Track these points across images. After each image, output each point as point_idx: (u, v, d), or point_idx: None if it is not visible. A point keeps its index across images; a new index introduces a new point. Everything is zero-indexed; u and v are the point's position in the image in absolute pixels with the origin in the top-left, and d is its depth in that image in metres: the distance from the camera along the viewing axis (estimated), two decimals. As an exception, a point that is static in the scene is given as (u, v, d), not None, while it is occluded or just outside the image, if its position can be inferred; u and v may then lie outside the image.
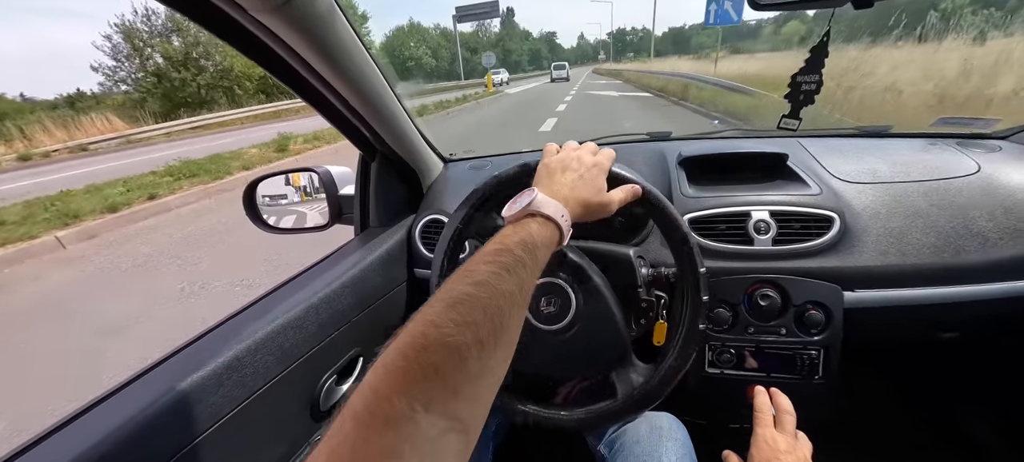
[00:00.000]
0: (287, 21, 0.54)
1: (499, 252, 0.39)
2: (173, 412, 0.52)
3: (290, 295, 0.73)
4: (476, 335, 0.31)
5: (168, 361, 0.59)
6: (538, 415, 0.67)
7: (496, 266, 0.37)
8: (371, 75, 0.72)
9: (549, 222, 0.45)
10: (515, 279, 0.37)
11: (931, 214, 0.80)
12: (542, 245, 0.43)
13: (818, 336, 0.80)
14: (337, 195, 1.03)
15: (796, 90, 0.64)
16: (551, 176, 0.53)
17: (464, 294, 0.33)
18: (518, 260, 0.38)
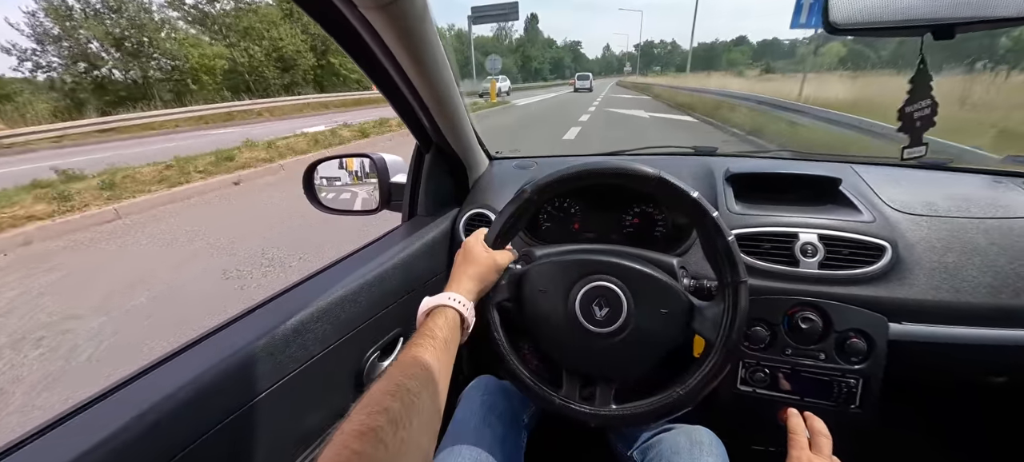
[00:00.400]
0: (388, 18, 0.58)
1: (408, 348, 0.51)
2: (243, 368, 0.57)
3: (348, 270, 0.78)
4: (389, 417, 0.40)
5: (243, 319, 0.65)
6: (570, 408, 0.69)
7: (405, 358, 0.49)
8: (445, 72, 0.76)
9: (443, 309, 0.58)
10: (419, 364, 0.48)
11: (990, 253, 0.78)
12: (444, 325, 0.55)
13: (859, 365, 0.79)
14: (388, 182, 1.09)
15: (909, 120, 0.63)
16: None
17: (376, 389, 0.43)
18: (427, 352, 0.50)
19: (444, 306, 0.58)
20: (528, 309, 0.71)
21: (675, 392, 0.64)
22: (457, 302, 0.59)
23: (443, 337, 0.54)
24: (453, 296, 0.59)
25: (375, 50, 0.66)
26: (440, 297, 0.59)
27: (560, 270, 0.70)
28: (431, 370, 0.48)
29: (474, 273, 0.65)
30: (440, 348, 0.52)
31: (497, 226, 0.69)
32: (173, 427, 0.50)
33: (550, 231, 1.04)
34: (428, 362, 0.49)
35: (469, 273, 0.64)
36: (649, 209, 0.98)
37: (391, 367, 0.47)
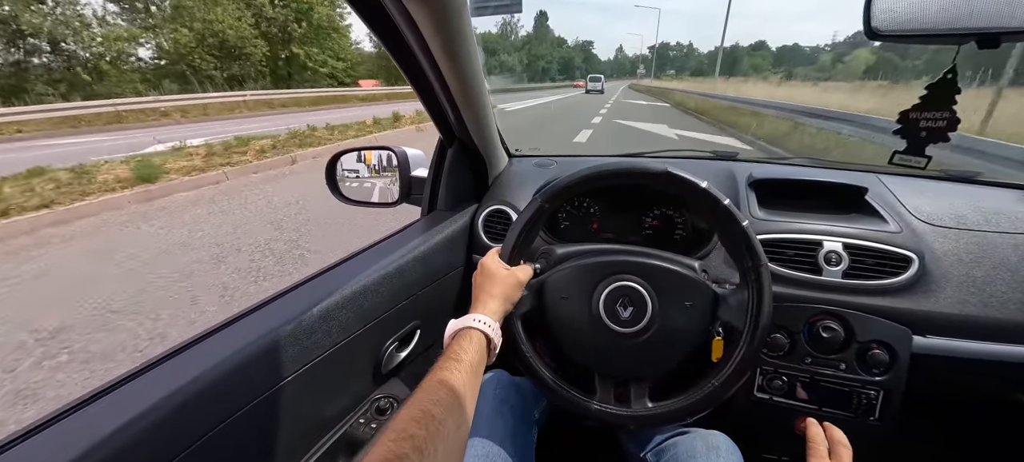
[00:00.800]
0: (428, 10, 0.59)
1: (433, 372, 0.50)
2: (270, 352, 0.58)
3: (371, 261, 0.79)
4: (414, 444, 0.40)
5: (271, 304, 0.66)
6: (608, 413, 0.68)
7: (431, 383, 0.48)
8: (474, 67, 0.77)
9: (468, 331, 0.57)
10: (445, 388, 0.47)
11: (1021, 268, 0.76)
12: (470, 348, 0.55)
13: (880, 377, 0.78)
14: (409, 176, 1.10)
15: (913, 128, 0.62)
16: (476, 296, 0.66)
17: (401, 416, 0.43)
18: (454, 376, 0.49)
19: (470, 328, 0.57)
20: (551, 316, 0.71)
21: (710, 384, 0.64)
22: (483, 324, 0.58)
23: (469, 360, 0.53)
24: (479, 318, 0.59)
25: (411, 42, 0.66)
26: (466, 319, 0.59)
27: (581, 274, 0.70)
28: (457, 395, 0.48)
29: (498, 292, 0.64)
30: (466, 372, 0.51)
31: (511, 240, 0.69)
32: (200, 409, 0.51)
33: (568, 231, 1.04)
34: (454, 387, 0.48)
35: (493, 293, 0.64)
36: (669, 212, 0.98)
37: (417, 392, 0.47)
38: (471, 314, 0.60)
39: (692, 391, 0.65)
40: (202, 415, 0.51)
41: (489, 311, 0.61)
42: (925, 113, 0.56)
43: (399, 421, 0.42)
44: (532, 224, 0.69)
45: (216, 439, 0.52)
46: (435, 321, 0.98)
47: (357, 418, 0.76)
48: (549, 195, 0.68)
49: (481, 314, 0.60)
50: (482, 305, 0.62)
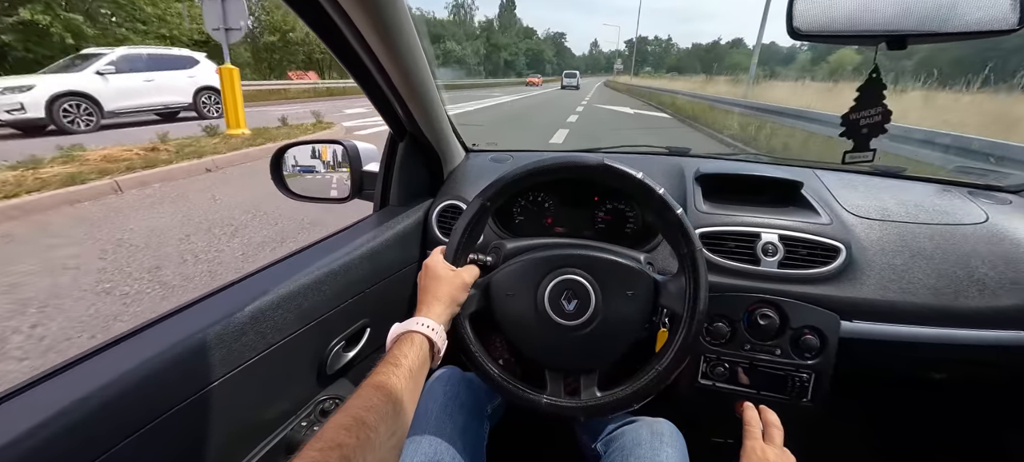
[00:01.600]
0: (359, 4, 0.57)
1: (371, 376, 0.49)
2: (194, 355, 0.55)
3: (313, 259, 0.76)
4: (342, 453, 0.39)
5: (196, 306, 0.62)
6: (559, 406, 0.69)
7: (366, 388, 0.47)
8: (418, 58, 0.75)
9: (411, 335, 0.56)
10: (380, 394, 0.46)
11: (935, 256, 0.83)
12: (411, 353, 0.54)
13: (812, 360, 0.82)
14: (360, 170, 1.07)
15: (854, 127, 0.65)
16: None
17: (331, 423, 0.42)
18: (390, 381, 0.48)
19: (412, 332, 0.56)
20: (499, 314, 0.71)
21: (654, 369, 0.65)
22: (426, 327, 0.57)
23: (408, 365, 0.52)
24: (422, 321, 0.58)
25: (347, 36, 0.64)
26: (409, 323, 0.58)
27: (525, 270, 0.70)
28: (392, 401, 0.47)
29: (443, 294, 0.63)
30: (404, 377, 0.50)
31: (454, 241, 0.68)
32: (119, 414, 0.48)
33: (522, 225, 1.04)
34: (390, 392, 0.47)
35: (438, 295, 0.63)
36: (620, 206, 1.00)
37: (350, 399, 0.45)
38: (415, 317, 0.59)
39: (638, 377, 0.66)
40: (121, 420, 0.48)
41: (433, 314, 0.60)
42: (863, 112, 0.60)
43: (328, 429, 0.41)
44: (475, 223, 0.69)
45: (137, 443, 0.49)
46: (386, 319, 0.95)
47: (299, 421, 0.73)
48: (490, 193, 0.68)
49: (425, 317, 0.59)
50: (426, 307, 0.61)
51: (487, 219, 0.72)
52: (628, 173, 0.65)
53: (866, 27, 0.49)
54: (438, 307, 0.62)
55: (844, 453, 1.22)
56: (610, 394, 0.67)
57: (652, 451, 0.69)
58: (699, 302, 0.63)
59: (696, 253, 0.63)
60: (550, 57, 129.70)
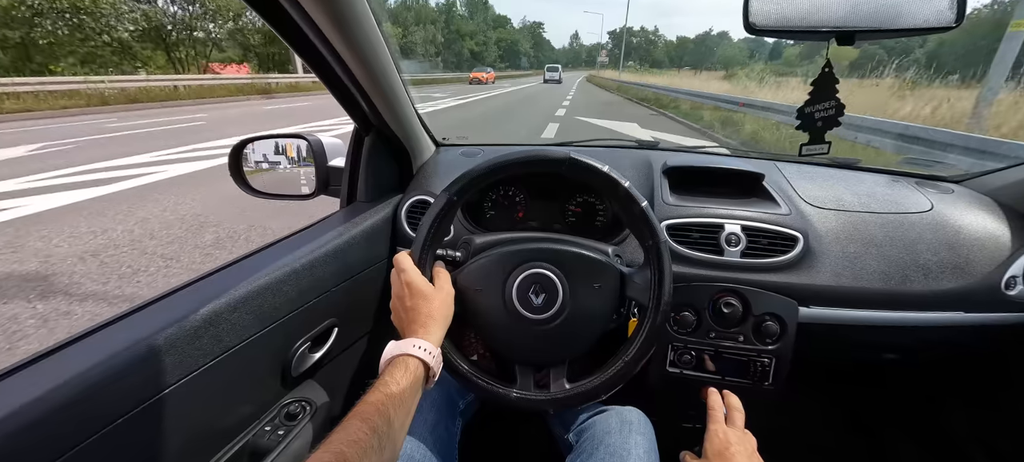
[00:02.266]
0: None
1: (359, 406, 0.47)
2: (144, 360, 0.52)
3: (273, 258, 0.73)
4: None
5: (146, 309, 0.59)
6: (529, 400, 0.69)
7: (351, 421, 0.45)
8: (379, 50, 0.72)
9: (406, 359, 0.54)
10: (366, 428, 0.44)
11: (884, 244, 0.87)
12: (403, 378, 0.52)
13: (772, 345, 0.86)
14: (326, 166, 1.03)
15: (810, 120, 0.67)
16: (400, 322, 0.62)
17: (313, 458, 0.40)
18: (378, 410, 0.46)
19: (408, 355, 0.54)
20: (469, 310, 0.70)
21: (622, 360, 0.66)
22: (423, 350, 0.55)
23: (401, 393, 0.49)
24: (419, 344, 0.55)
25: (306, 30, 0.61)
26: (404, 345, 0.55)
27: (493, 265, 0.70)
28: (379, 434, 0.44)
29: (437, 313, 0.60)
30: (395, 405, 0.48)
31: (421, 236, 0.67)
32: (67, 422, 0.45)
33: (494, 219, 1.04)
34: (376, 423, 0.45)
35: (432, 315, 0.60)
36: (590, 199, 1.01)
37: (333, 434, 0.43)
38: (411, 339, 0.56)
39: (606, 368, 0.67)
40: (68, 429, 0.45)
41: (431, 336, 0.58)
42: (817, 105, 0.62)
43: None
44: (442, 218, 0.67)
45: (87, 451, 0.46)
46: (355, 318, 0.93)
47: (263, 426, 0.71)
48: (457, 188, 0.67)
49: (422, 340, 0.56)
50: (423, 329, 0.58)
51: (454, 214, 0.71)
52: (594, 166, 0.65)
53: (818, 23, 0.50)
54: (434, 327, 0.59)
55: (805, 432, 1.28)
56: (579, 385, 0.68)
57: (621, 439, 0.70)
58: (664, 293, 0.64)
59: (660, 245, 0.64)
60: (527, 49, 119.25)
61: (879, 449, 1.25)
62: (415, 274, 0.63)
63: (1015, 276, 0.84)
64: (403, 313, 0.61)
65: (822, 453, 1.25)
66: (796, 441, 1.24)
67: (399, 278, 0.63)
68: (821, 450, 1.25)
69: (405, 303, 0.61)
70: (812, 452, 1.23)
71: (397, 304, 0.62)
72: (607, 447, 0.69)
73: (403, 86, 0.86)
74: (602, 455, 0.68)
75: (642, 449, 0.69)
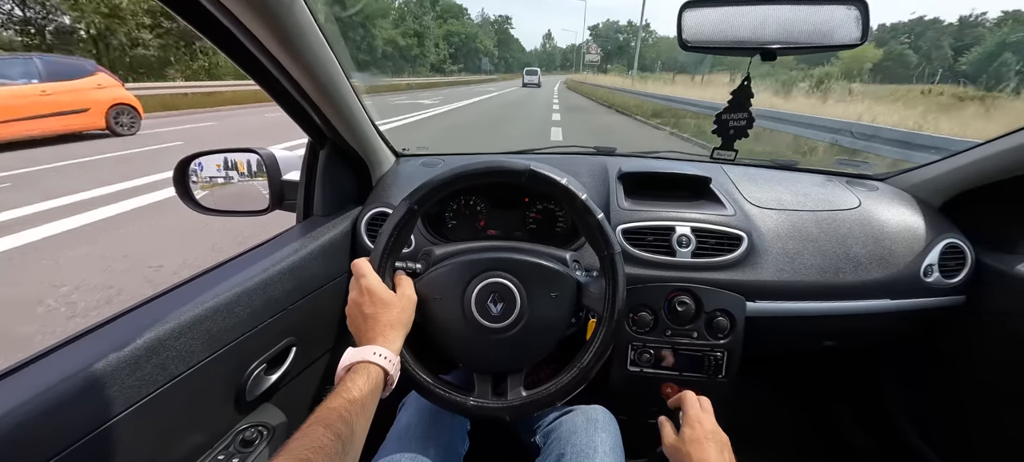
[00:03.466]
0: (250, 8, 0.53)
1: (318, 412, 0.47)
2: (81, 394, 0.49)
3: (223, 278, 0.70)
4: None
5: (81, 339, 0.56)
6: (485, 408, 0.69)
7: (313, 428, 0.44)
8: (326, 61, 0.71)
9: (366, 366, 0.54)
10: (330, 434, 0.44)
11: (820, 239, 0.94)
12: (365, 386, 0.52)
13: (723, 340, 0.90)
14: (280, 179, 1.00)
15: (724, 127, 0.73)
16: (357, 329, 0.61)
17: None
18: (341, 417, 0.46)
19: (368, 363, 0.54)
20: (429, 320, 0.70)
21: (576, 368, 0.68)
22: (382, 357, 0.55)
23: (361, 399, 0.50)
24: (378, 351, 0.56)
25: (237, 34, 0.60)
26: (363, 351, 0.55)
27: (453, 274, 0.70)
28: (342, 439, 0.44)
29: (393, 319, 0.60)
30: (356, 411, 0.48)
31: (380, 244, 0.67)
32: None
33: (456, 229, 1.04)
34: (339, 430, 0.45)
35: (391, 322, 0.60)
36: (550, 206, 1.03)
37: (294, 437, 0.42)
38: (369, 346, 0.56)
39: (561, 376, 0.69)
40: None
41: (389, 343, 0.58)
42: (732, 115, 0.66)
43: None
44: (402, 227, 0.67)
45: None
46: (315, 336, 0.91)
47: (215, 455, 0.68)
48: (417, 197, 0.67)
49: (380, 346, 0.56)
50: (381, 337, 0.58)
51: (415, 223, 0.71)
52: (553, 178, 0.67)
53: (743, 40, 0.55)
54: (392, 334, 0.59)
55: (759, 421, 1.35)
56: (535, 393, 0.69)
57: (587, 437, 0.72)
58: (617, 302, 0.66)
59: (615, 257, 0.67)
60: (488, 48, 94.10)
61: (828, 429, 1.34)
62: (375, 280, 0.63)
63: (931, 265, 0.93)
64: (361, 320, 0.61)
65: (775, 436, 1.32)
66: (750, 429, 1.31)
67: (358, 284, 0.62)
68: (773, 434, 1.33)
69: (364, 310, 0.61)
70: (766, 436, 1.30)
71: (354, 310, 0.62)
72: (573, 445, 0.71)
73: (356, 97, 0.86)
74: (569, 455, 0.69)
75: (607, 446, 0.71)
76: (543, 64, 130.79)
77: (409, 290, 0.66)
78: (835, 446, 1.30)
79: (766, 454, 1.24)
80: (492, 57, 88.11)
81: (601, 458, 0.68)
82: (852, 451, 1.26)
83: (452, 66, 71.00)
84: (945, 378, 1.05)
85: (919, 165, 1.10)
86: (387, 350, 0.56)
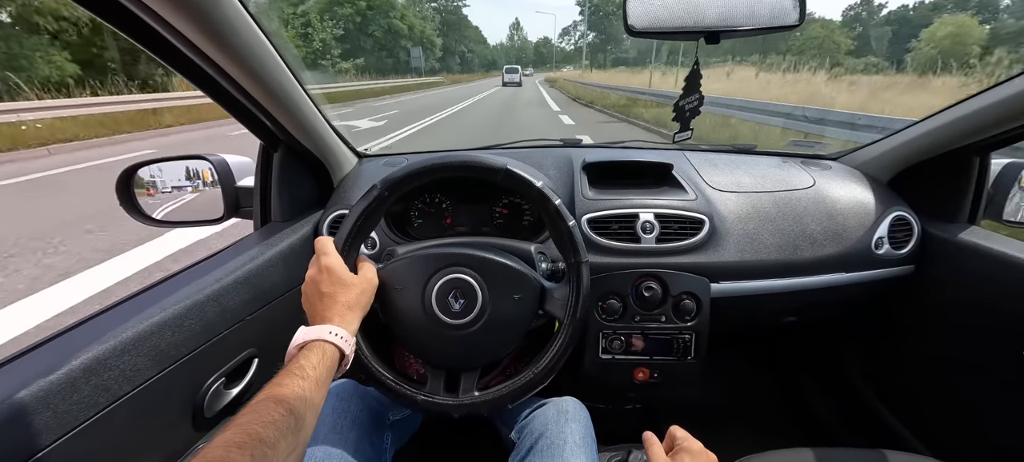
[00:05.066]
0: (172, 6, 0.50)
1: (268, 388, 0.45)
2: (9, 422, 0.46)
3: (171, 292, 0.67)
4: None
5: (10, 365, 0.52)
6: (433, 403, 0.68)
7: (264, 402, 0.43)
8: (269, 61, 0.68)
9: (321, 344, 0.53)
10: (282, 408, 0.42)
11: (778, 219, 0.97)
12: (320, 364, 0.50)
13: (691, 322, 0.92)
14: (234, 186, 0.97)
15: (681, 112, 0.75)
16: (312, 307, 0.59)
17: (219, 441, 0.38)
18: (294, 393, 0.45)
19: (323, 342, 0.52)
20: (388, 309, 0.69)
21: (529, 372, 0.68)
22: (338, 337, 0.54)
23: (315, 377, 0.48)
24: (333, 330, 0.54)
25: (175, 43, 0.57)
26: (318, 330, 0.54)
27: (416, 266, 0.69)
28: (296, 415, 0.43)
29: (351, 300, 0.59)
30: (310, 389, 0.46)
31: (347, 227, 0.65)
32: None
33: (422, 227, 1.03)
34: (293, 406, 0.43)
35: (346, 301, 0.58)
36: (517, 200, 1.03)
37: (243, 413, 0.40)
38: (325, 325, 0.55)
39: (515, 378, 0.68)
40: None
41: (346, 323, 0.56)
42: (686, 98, 0.67)
43: (215, 447, 0.36)
44: (371, 212, 0.65)
45: None
46: (278, 345, 0.87)
47: None
48: (390, 183, 0.65)
49: (336, 326, 0.55)
50: (338, 316, 0.57)
51: (383, 210, 0.69)
52: (528, 180, 0.66)
53: (687, 24, 0.55)
54: (350, 316, 0.58)
55: (729, 397, 1.39)
56: (487, 393, 0.68)
57: (558, 428, 0.72)
58: (578, 311, 0.67)
59: (581, 265, 0.67)
60: (429, 36, 60.35)
61: (795, 399, 1.40)
62: (336, 259, 0.61)
63: (881, 237, 0.97)
64: (317, 299, 0.58)
65: (744, 412, 1.36)
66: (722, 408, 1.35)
67: (318, 261, 0.60)
68: (743, 410, 1.37)
69: (321, 288, 0.59)
70: (739, 414, 1.35)
71: (311, 289, 0.60)
72: (546, 438, 0.71)
73: (307, 97, 0.83)
74: (541, 447, 0.70)
75: (578, 435, 0.71)
76: (511, 61, 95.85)
77: (371, 274, 0.65)
78: (802, 414, 1.35)
79: (738, 427, 1.28)
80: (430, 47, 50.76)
81: (570, 449, 0.68)
82: (817, 418, 1.32)
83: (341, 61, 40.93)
84: (897, 344, 1.11)
85: (868, 143, 1.15)
86: (343, 330, 0.55)
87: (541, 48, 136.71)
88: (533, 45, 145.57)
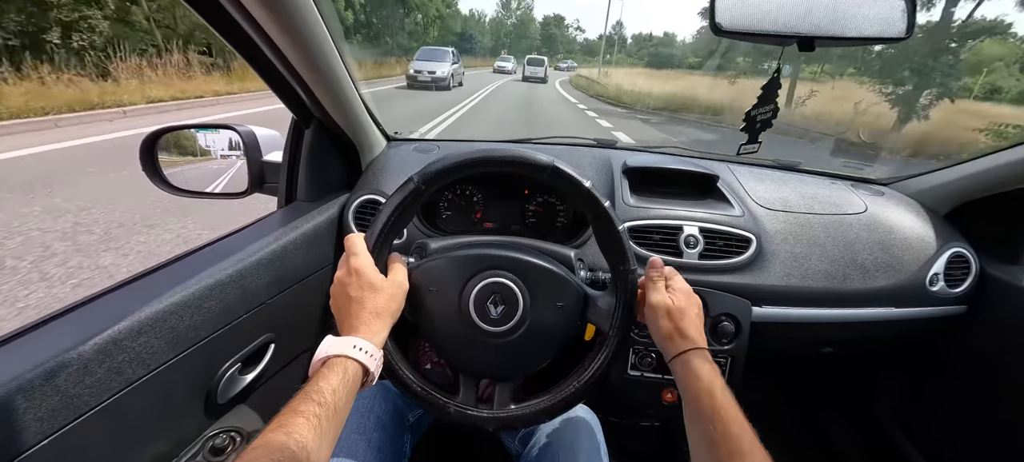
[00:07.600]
0: None
1: (282, 415, 0.41)
2: (13, 408, 0.42)
3: (191, 270, 0.63)
4: None
5: (12, 343, 0.48)
6: (467, 415, 0.64)
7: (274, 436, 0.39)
8: (318, 33, 0.63)
9: (344, 360, 0.48)
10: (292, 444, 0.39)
11: (827, 244, 0.91)
12: (340, 386, 0.45)
13: (728, 345, 0.87)
14: (260, 160, 0.92)
15: (752, 122, 0.69)
16: (339, 312, 0.55)
17: None
18: (302, 418, 0.41)
19: (345, 358, 0.48)
20: (419, 311, 0.64)
21: (571, 386, 0.63)
22: (362, 352, 0.49)
23: (334, 403, 0.44)
24: (358, 343, 0.49)
25: (226, 6, 0.52)
26: (342, 344, 0.49)
27: (452, 267, 0.64)
28: (308, 451, 0.39)
29: (383, 307, 0.54)
30: (328, 417, 0.42)
31: (380, 222, 0.59)
32: None
33: (451, 220, 0.98)
34: (305, 443, 0.39)
35: (376, 310, 0.53)
36: (552, 199, 0.98)
37: (248, 452, 0.37)
38: (349, 337, 0.50)
39: (554, 392, 0.63)
40: None
41: (373, 334, 0.51)
42: (760, 109, 0.61)
43: None
44: (406, 206, 0.60)
45: None
46: (296, 332, 0.84)
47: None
48: (427, 176, 0.60)
49: (361, 339, 0.50)
50: (364, 326, 0.51)
51: (419, 205, 0.63)
52: (578, 180, 0.61)
53: (781, 28, 0.50)
54: (378, 325, 0.52)
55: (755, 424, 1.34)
56: (523, 407, 0.63)
57: (567, 439, 0.70)
58: (625, 324, 0.61)
59: (630, 274, 0.61)
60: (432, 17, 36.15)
61: (817, 431, 1.34)
62: (366, 260, 0.56)
63: (937, 274, 0.91)
64: (344, 302, 0.54)
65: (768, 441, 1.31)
66: None
67: (347, 262, 0.55)
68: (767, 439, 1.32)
69: (349, 292, 0.54)
70: None
71: (339, 290, 0.55)
72: (552, 448, 0.68)
73: (347, 73, 0.78)
74: (549, 457, 0.68)
75: (587, 447, 0.69)
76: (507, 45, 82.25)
77: (401, 277, 0.59)
78: (825, 447, 1.30)
79: None
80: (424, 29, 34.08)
81: None
82: (840, 452, 1.26)
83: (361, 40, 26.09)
84: (939, 385, 1.05)
85: (923, 172, 1.08)
86: (369, 344, 0.50)
87: (552, 27, 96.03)
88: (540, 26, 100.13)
